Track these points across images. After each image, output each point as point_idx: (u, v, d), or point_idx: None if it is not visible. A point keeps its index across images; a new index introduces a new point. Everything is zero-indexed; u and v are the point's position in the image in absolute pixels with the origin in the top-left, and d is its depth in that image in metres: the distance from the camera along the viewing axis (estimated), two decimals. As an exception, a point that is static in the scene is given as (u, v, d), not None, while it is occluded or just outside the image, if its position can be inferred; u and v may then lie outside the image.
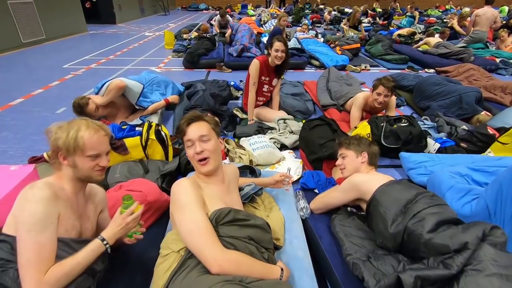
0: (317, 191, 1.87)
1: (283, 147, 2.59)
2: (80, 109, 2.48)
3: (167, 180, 1.99)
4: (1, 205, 1.37)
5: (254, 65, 2.81)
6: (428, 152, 2.49)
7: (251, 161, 2.20)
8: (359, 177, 1.51)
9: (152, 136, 2.14)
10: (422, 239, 1.20)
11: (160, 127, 2.25)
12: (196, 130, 1.20)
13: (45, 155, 2.02)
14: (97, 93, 2.73)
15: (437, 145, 2.51)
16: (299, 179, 2.12)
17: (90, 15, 9.98)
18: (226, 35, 7.09)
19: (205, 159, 1.20)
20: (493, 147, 2.23)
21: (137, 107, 2.92)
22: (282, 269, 1.10)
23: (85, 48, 7.04)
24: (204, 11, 17.53)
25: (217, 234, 1.03)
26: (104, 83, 2.70)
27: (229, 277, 0.94)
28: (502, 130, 2.35)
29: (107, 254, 1.25)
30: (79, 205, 1.11)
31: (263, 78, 2.89)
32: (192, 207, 1.04)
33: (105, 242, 1.04)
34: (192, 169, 2.00)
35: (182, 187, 1.10)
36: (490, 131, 2.47)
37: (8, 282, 0.92)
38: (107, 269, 1.25)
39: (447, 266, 1.07)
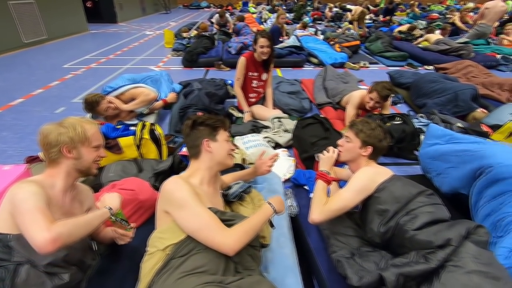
0: (307, 188, 1.89)
1: (277, 145, 2.61)
2: (92, 106, 2.51)
3: (160, 179, 2.02)
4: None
5: (240, 62, 2.86)
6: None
7: (243, 159, 2.22)
8: (369, 173, 1.39)
9: (146, 135, 2.17)
10: (408, 234, 1.21)
11: (154, 127, 2.28)
12: None
13: (40, 154, 2.06)
14: (108, 93, 2.82)
15: (431, 143, 2.51)
16: (290, 178, 2.14)
17: (91, 15, 10.04)
18: (229, 30, 7.13)
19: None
20: (486, 145, 2.22)
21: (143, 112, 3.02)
22: (270, 204, 1.18)
23: (86, 48, 7.09)
24: (205, 9, 17.53)
25: (195, 238, 1.07)
26: (121, 86, 2.83)
27: (209, 278, 0.98)
28: (495, 127, 2.35)
29: (97, 251, 1.29)
30: (65, 203, 1.15)
31: (250, 74, 2.92)
32: (192, 203, 1.06)
33: (107, 207, 1.14)
34: (185, 168, 2.04)
35: (177, 185, 1.11)
36: (484, 128, 2.47)
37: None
38: (98, 267, 1.28)
39: (428, 260, 1.10)
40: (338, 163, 1.99)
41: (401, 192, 1.32)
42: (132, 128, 2.21)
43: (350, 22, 8.59)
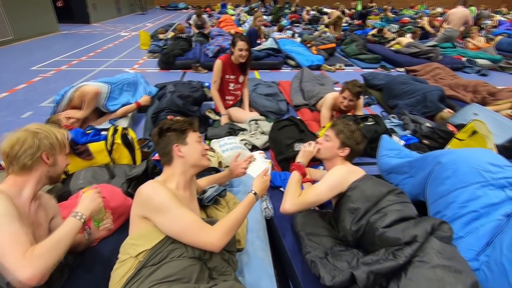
0: (282, 189, 1.90)
1: (254, 148, 2.62)
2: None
3: (134, 185, 1.96)
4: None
5: (216, 64, 2.85)
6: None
7: (220, 162, 2.20)
8: (343, 171, 1.45)
9: (118, 140, 2.11)
10: (378, 232, 1.25)
11: (127, 131, 2.21)
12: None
13: (2, 162, 1.94)
14: (57, 104, 2.64)
15: (402, 142, 2.61)
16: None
17: (62, 15, 9.61)
18: (206, 32, 7.07)
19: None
20: (451, 143, 2.34)
21: (104, 110, 2.85)
22: (253, 192, 1.22)
23: (56, 49, 6.79)
24: (183, 10, 17.30)
25: (178, 241, 1.07)
26: (65, 93, 2.61)
27: (181, 286, 0.97)
28: (460, 127, 2.48)
29: (65, 263, 1.24)
30: (31, 213, 1.10)
31: (227, 76, 2.92)
32: (172, 206, 1.05)
33: (78, 216, 1.09)
34: (159, 173, 1.99)
35: (155, 189, 1.09)
36: (450, 128, 2.60)
37: None
38: (70, 275, 1.23)
39: (396, 257, 1.13)
40: (313, 165, 2.03)
41: (371, 191, 1.37)
42: (103, 132, 2.14)
43: (327, 26, 8.78)
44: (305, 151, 1.60)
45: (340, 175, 1.43)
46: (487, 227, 1.33)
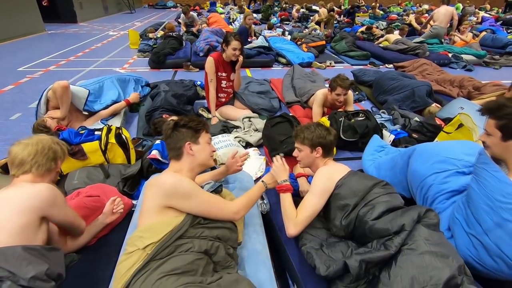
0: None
1: (248, 145, 2.64)
2: (47, 130, 2.31)
3: (129, 184, 1.97)
4: None
5: (209, 62, 2.85)
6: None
7: (215, 160, 2.22)
8: (325, 174, 1.48)
9: (112, 139, 2.10)
10: (368, 225, 1.30)
11: (120, 130, 2.21)
12: None
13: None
14: (38, 107, 2.63)
15: (392, 137, 2.67)
16: (261, 175, 2.18)
17: (48, 14, 9.42)
18: (194, 29, 7.02)
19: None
20: (439, 137, 2.41)
21: (84, 112, 2.84)
22: (263, 182, 1.44)
23: (43, 49, 6.65)
24: (172, 8, 17.14)
25: (187, 235, 1.12)
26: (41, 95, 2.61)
27: (189, 279, 1.00)
28: (447, 121, 2.56)
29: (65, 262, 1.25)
30: None
31: (219, 74, 2.94)
32: (197, 191, 1.19)
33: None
34: (154, 172, 2.00)
35: (177, 178, 1.18)
36: (438, 121, 2.68)
37: None
38: (67, 274, 1.24)
39: (387, 247, 1.18)
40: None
41: (357, 186, 1.41)
42: (97, 132, 2.13)
43: (318, 23, 8.84)
44: (276, 168, 1.50)
45: (324, 179, 1.46)
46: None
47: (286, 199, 1.47)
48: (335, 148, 2.45)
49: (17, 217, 0.99)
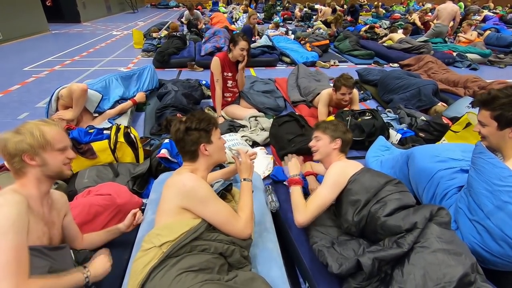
0: (286, 183, 1.94)
1: (254, 144, 2.65)
2: None
3: (138, 182, 1.99)
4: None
5: (215, 62, 2.86)
6: (391, 143, 2.65)
7: (222, 159, 2.23)
8: (339, 167, 1.50)
9: (121, 138, 2.12)
10: (379, 221, 1.30)
11: (129, 129, 2.23)
12: None
13: (6, 163, 1.93)
14: (49, 105, 2.67)
15: (399, 136, 2.68)
16: (269, 174, 2.19)
17: (52, 14, 9.45)
18: (199, 27, 7.03)
19: None
20: (446, 136, 2.41)
21: (96, 113, 2.87)
22: (245, 179, 1.39)
23: (47, 49, 6.69)
24: (174, 8, 17.15)
25: (203, 237, 1.12)
26: (52, 93, 2.64)
27: (207, 276, 1.01)
28: (454, 120, 2.55)
29: (75, 260, 1.26)
30: (44, 212, 1.11)
31: (225, 74, 2.95)
32: (213, 199, 1.17)
33: (85, 276, 1.07)
34: (163, 170, 2.02)
35: (198, 182, 1.16)
36: (445, 120, 2.68)
37: None
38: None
39: (400, 245, 1.18)
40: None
41: (370, 183, 1.42)
42: (106, 131, 2.15)
43: (328, 24, 8.76)
44: (292, 163, 1.66)
45: (338, 173, 1.48)
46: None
47: (296, 191, 1.52)
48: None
49: None
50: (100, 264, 1.15)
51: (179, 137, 1.27)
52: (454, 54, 5.87)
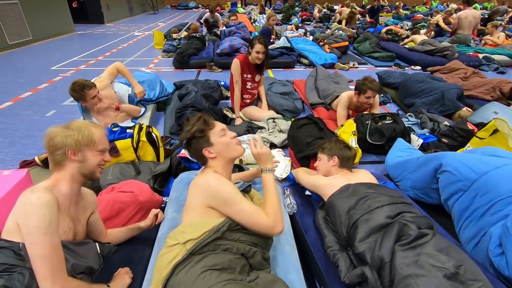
0: (308, 193, 1.93)
1: (272, 146, 2.66)
2: (82, 87, 2.38)
3: (158, 181, 2.04)
4: (-5, 210, 1.39)
5: (235, 64, 2.89)
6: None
7: (240, 160, 2.25)
8: (321, 180, 1.72)
9: (143, 138, 2.18)
10: (355, 248, 1.29)
11: (151, 129, 2.29)
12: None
13: (36, 159, 2.04)
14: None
15: (420, 141, 2.61)
16: (287, 177, 2.19)
17: (77, 15, 9.85)
18: (219, 30, 7.12)
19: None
20: (472, 142, 2.33)
21: (139, 104, 3.08)
22: (265, 170, 1.29)
23: (73, 49, 6.97)
24: (194, 9, 17.43)
25: (225, 237, 1.14)
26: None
27: (229, 275, 1.02)
28: (480, 126, 2.46)
29: (101, 254, 1.31)
30: (71, 208, 1.16)
31: (245, 75, 2.97)
32: (237, 199, 1.15)
33: None
34: (183, 170, 2.06)
35: (223, 182, 1.17)
36: (470, 126, 2.59)
37: (17, 285, 0.94)
38: (102, 268, 1.30)
39: (381, 279, 1.15)
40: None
41: (344, 202, 1.49)
42: (129, 130, 2.22)
43: (339, 22, 8.70)
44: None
45: (325, 181, 1.69)
46: None
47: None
48: (360, 152, 2.47)
49: None
50: (121, 282, 1.24)
51: (187, 149, 1.32)
52: (480, 56, 5.64)
